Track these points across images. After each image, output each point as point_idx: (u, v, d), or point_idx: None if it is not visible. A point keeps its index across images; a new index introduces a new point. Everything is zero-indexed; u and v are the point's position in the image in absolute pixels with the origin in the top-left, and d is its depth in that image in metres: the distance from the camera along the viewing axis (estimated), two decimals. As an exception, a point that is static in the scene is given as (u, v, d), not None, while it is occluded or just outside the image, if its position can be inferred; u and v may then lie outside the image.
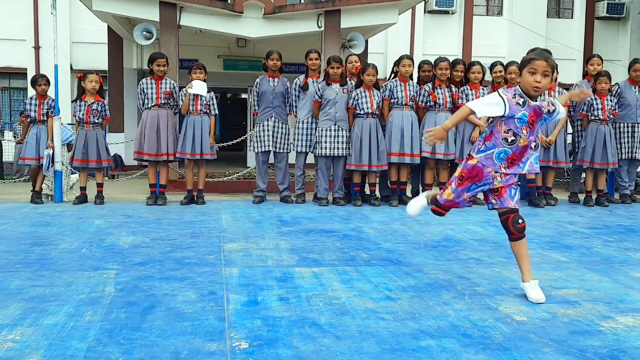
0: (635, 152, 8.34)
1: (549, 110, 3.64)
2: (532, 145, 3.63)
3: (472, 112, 3.63)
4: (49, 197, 8.19)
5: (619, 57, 21.04)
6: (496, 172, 3.63)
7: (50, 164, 7.98)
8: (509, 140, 3.58)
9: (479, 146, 3.69)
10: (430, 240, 5.44)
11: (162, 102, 7.75)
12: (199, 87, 7.69)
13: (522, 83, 3.60)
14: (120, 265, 4.37)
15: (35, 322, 3.06)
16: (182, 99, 7.84)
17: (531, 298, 3.56)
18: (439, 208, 3.92)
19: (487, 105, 3.61)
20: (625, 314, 3.33)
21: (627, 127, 8.32)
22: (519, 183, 3.80)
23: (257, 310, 3.32)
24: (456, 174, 3.79)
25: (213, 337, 2.87)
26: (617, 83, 8.50)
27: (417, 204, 4.12)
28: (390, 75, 8.29)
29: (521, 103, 3.56)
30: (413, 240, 5.48)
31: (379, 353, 2.71)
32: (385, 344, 2.82)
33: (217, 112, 7.98)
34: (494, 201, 3.71)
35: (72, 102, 7.93)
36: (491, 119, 3.70)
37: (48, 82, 8.15)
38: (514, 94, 3.59)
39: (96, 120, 7.81)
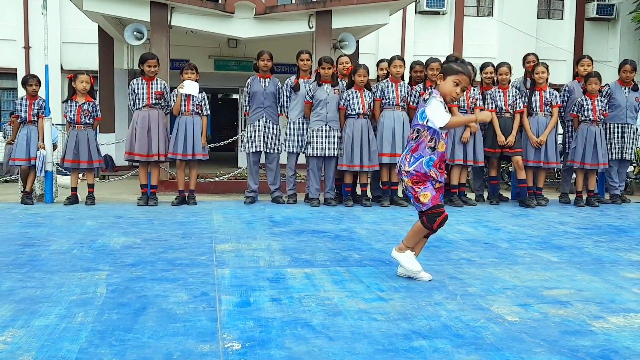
0: (625, 153, 8.38)
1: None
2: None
3: (446, 123, 3.83)
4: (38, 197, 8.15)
5: (609, 58, 21.15)
6: (431, 176, 3.90)
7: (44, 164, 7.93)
8: (432, 147, 3.86)
9: (408, 159, 3.92)
10: (422, 241, 5.44)
11: (153, 102, 7.72)
12: (190, 87, 7.67)
13: (442, 87, 3.84)
14: (112, 266, 4.35)
15: (27, 323, 3.05)
16: (173, 100, 7.82)
17: (412, 270, 4.01)
18: (436, 221, 3.96)
19: (443, 112, 3.83)
20: (616, 314, 3.34)
21: (617, 127, 8.37)
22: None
23: (249, 311, 3.31)
24: (409, 184, 3.95)
25: (205, 338, 2.87)
26: (607, 84, 8.54)
27: (409, 260, 4.07)
28: (377, 77, 8.29)
29: (445, 108, 3.87)
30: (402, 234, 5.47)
31: (372, 353, 2.71)
32: (378, 344, 2.83)
33: (209, 113, 7.96)
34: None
35: (62, 102, 7.89)
36: (417, 134, 3.89)
37: (39, 83, 8.10)
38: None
39: (87, 121, 7.78)
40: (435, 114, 3.82)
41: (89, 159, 7.80)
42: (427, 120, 3.83)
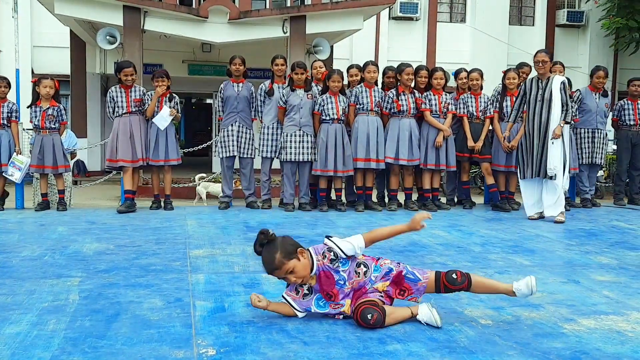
0: (595, 157, 8.49)
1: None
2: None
3: None
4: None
5: (579, 64, 21.47)
6: None
7: (27, 172, 7.80)
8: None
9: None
10: (396, 245, 5.46)
11: (133, 110, 7.64)
12: (161, 119, 7.59)
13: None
14: (84, 272, 4.30)
15: (-3, 331, 3.01)
16: (148, 101, 7.69)
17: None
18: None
19: None
20: (587, 316, 3.39)
21: (588, 132, 8.47)
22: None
23: (224, 316, 3.30)
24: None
25: (180, 345, 2.85)
26: (578, 89, 8.65)
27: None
28: (348, 84, 8.28)
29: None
30: (379, 245, 5.45)
31: (347, 358, 2.72)
32: (353, 348, 2.84)
33: (180, 114, 7.90)
34: None
35: (27, 107, 7.74)
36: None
37: (8, 85, 7.91)
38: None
39: (52, 126, 7.63)
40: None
41: (54, 164, 7.66)
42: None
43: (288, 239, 3.25)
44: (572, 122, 8.17)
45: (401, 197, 8.25)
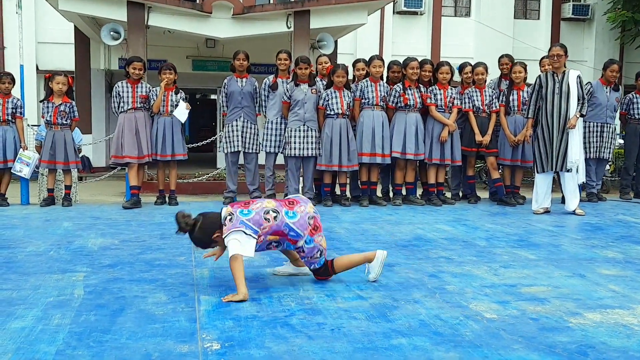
0: (603, 152, 8.46)
1: None
2: None
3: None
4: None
5: (585, 58, 21.41)
6: None
7: (35, 168, 7.83)
8: None
9: None
10: (401, 240, 5.47)
11: (138, 105, 7.65)
12: (181, 113, 7.66)
13: None
14: (89, 267, 4.31)
15: (2, 326, 3.01)
16: (154, 97, 7.71)
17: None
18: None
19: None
20: (592, 310, 3.38)
21: (596, 126, 8.42)
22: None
23: (228, 311, 3.30)
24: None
25: (184, 339, 2.85)
26: (589, 82, 8.60)
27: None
28: (353, 77, 8.27)
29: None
30: (384, 240, 5.50)
31: (351, 352, 2.72)
32: (358, 343, 2.83)
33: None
34: None
35: (39, 102, 7.77)
36: None
37: (13, 81, 7.92)
38: None
39: (64, 122, 7.67)
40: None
41: (65, 159, 7.70)
42: None
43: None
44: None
45: (403, 191, 8.23)
